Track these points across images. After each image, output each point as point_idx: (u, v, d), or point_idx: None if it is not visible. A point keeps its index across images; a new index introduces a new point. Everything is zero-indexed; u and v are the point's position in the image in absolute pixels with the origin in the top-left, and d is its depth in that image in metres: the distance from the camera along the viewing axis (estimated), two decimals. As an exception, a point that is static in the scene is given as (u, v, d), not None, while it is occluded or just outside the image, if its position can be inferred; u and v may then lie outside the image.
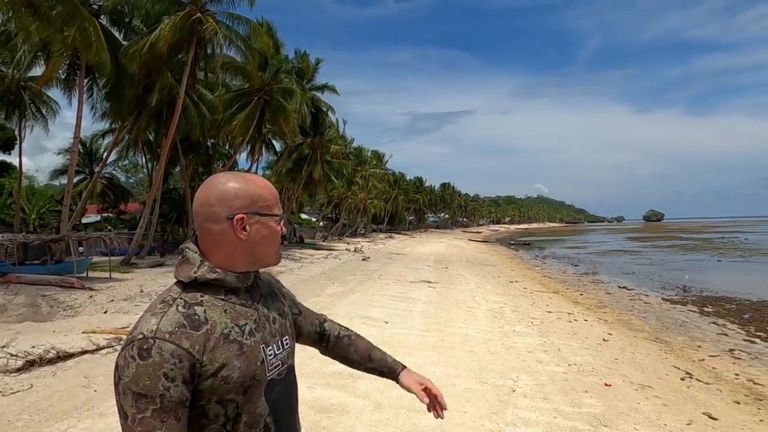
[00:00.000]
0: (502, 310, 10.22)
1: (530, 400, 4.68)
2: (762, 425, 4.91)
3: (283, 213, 1.11)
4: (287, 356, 1.12)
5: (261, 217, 1.04)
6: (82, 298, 10.42)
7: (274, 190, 1.10)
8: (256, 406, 1.01)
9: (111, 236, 14.91)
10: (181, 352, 0.91)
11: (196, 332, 0.95)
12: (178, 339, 0.92)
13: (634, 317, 11.44)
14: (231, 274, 1.03)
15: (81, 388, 4.83)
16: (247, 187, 1.04)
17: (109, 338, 6.66)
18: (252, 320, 1.05)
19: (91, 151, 28.96)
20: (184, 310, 0.97)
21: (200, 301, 1.00)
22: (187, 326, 0.95)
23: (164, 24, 16.17)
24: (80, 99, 16.58)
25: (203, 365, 0.94)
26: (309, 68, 29.17)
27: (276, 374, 1.06)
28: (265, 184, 1.08)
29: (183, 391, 0.91)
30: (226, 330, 0.99)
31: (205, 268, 1.01)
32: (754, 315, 11.68)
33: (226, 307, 1.02)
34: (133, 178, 41.56)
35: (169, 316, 0.95)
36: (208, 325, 0.97)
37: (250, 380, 0.99)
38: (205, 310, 0.99)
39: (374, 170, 46.98)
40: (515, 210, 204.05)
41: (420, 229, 78.77)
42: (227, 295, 1.03)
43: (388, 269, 18.17)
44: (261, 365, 1.02)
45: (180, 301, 0.99)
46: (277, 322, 1.12)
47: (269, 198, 1.06)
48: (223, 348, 0.97)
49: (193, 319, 0.96)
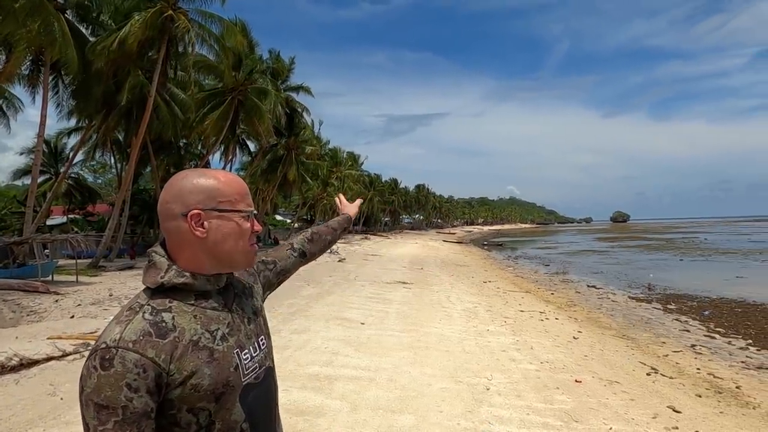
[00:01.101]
0: (476, 309, 10.38)
1: (504, 398, 4.78)
2: (722, 417, 5.15)
3: (252, 210, 1.03)
4: (264, 357, 1.07)
5: (221, 213, 0.97)
6: (48, 302, 10.05)
7: (240, 185, 1.02)
8: (230, 413, 0.96)
9: (78, 238, 14.42)
10: (146, 361, 0.88)
11: (163, 340, 0.91)
12: (143, 348, 0.88)
13: (603, 315, 11.79)
14: (200, 277, 0.99)
15: (46, 396, 4.67)
16: (205, 182, 0.98)
17: (77, 344, 6.46)
18: (225, 324, 1.00)
19: (56, 150, 27.93)
20: (151, 318, 0.93)
21: (168, 307, 0.96)
22: (153, 334, 0.91)
23: (134, 20, 15.77)
24: (45, 96, 16.01)
25: (171, 374, 0.90)
26: (284, 69, 28.93)
27: (253, 378, 1.02)
28: (228, 178, 1.02)
29: (147, 402, 0.87)
30: (195, 337, 0.95)
31: (172, 273, 0.97)
32: (713, 312, 12.20)
33: (197, 312, 0.98)
34: (101, 179, 40.27)
35: (134, 324, 0.91)
36: (176, 333, 0.93)
37: (222, 387, 0.95)
38: (174, 316, 0.95)
39: (350, 171, 46.91)
40: (488, 211, 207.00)
41: (395, 230, 79.01)
42: (197, 299, 0.99)
43: (363, 270, 18.18)
44: (235, 371, 0.98)
45: (147, 308, 0.95)
46: (252, 322, 1.07)
47: (230, 193, 0.99)
48: (192, 355, 0.93)
49: (160, 327, 0.92)
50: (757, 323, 10.83)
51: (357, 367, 5.62)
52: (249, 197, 1.03)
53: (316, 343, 6.59)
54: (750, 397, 6.10)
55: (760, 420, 5.29)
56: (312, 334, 7.16)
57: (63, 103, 19.10)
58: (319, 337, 7.01)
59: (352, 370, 5.46)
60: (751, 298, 13.93)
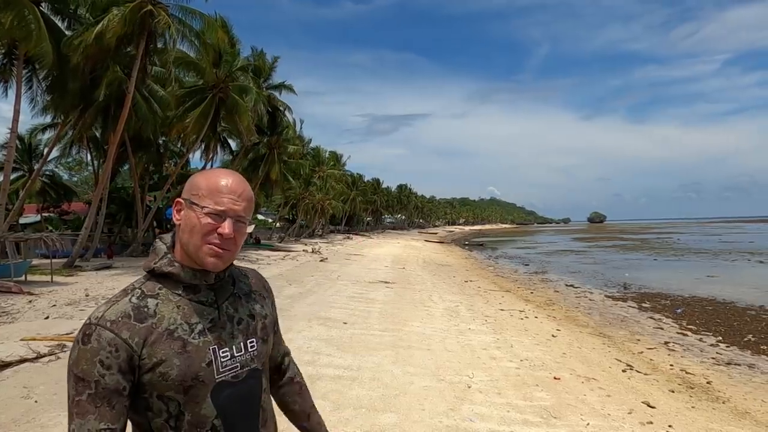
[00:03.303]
0: (457, 308, 10.48)
1: (485, 395, 4.86)
2: (694, 411, 5.33)
3: (220, 209, 0.99)
4: (251, 359, 1.06)
5: (191, 205, 1.00)
6: (21, 303, 9.78)
7: (216, 183, 1.00)
8: (200, 407, 0.97)
9: (53, 237, 14.05)
10: (119, 341, 0.92)
11: (139, 324, 0.95)
12: (118, 329, 0.93)
13: (580, 314, 12.04)
14: (188, 269, 1.01)
15: (20, 398, 4.56)
16: (198, 176, 1.04)
17: (51, 345, 6.32)
18: (207, 320, 1.01)
19: (30, 146, 27.09)
20: (137, 301, 0.98)
21: (156, 293, 1.00)
22: (132, 317, 0.95)
23: (113, 15, 15.41)
24: (18, 91, 15.54)
25: (142, 358, 0.93)
26: (266, 67, 28.65)
27: (230, 377, 1.01)
28: (211, 174, 1.03)
29: (119, 380, 0.92)
30: (172, 326, 0.97)
31: (165, 261, 1.02)
32: (686, 309, 12.58)
33: (181, 303, 1.00)
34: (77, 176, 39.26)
35: (119, 305, 0.96)
36: (155, 319, 0.96)
37: (191, 380, 0.96)
38: (158, 303, 0.98)
39: (332, 171, 46.68)
40: (469, 211, 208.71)
41: (377, 230, 79.02)
42: (186, 290, 1.01)
43: (346, 270, 18.16)
44: (207, 366, 0.98)
45: (137, 292, 1.00)
46: (243, 323, 1.07)
47: (203, 187, 1.00)
48: (164, 344, 0.95)
49: (141, 311, 0.96)
50: (727, 321, 11.21)
51: (339, 366, 5.63)
52: (225, 197, 0.99)
53: (298, 343, 6.58)
54: (720, 392, 6.33)
55: (730, 414, 5.50)
56: (294, 334, 7.13)
57: (37, 98, 18.53)
58: (301, 337, 6.99)
59: (334, 370, 5.47)
60: (721, 297, 14.40)
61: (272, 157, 30.61)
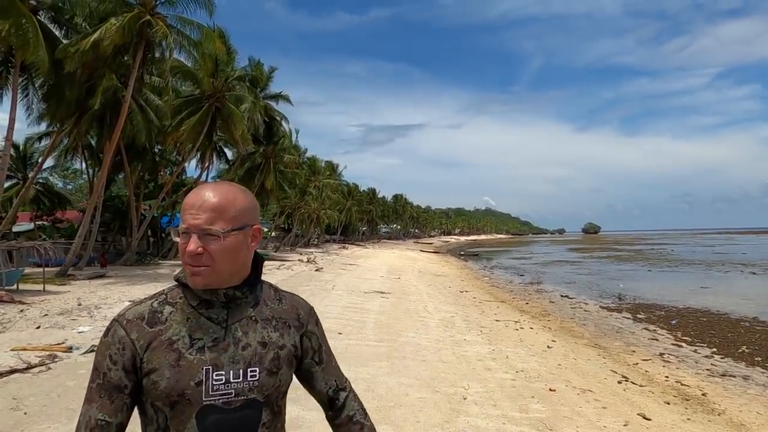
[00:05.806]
0: (452, 319, 10.45)
1: (480, 407, 4.83)
2: (689, 423, 5.32)
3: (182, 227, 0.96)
4: (249, 389, 0.98)
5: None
6: (12, 312, 9.67)
7: (190, 199, 0.97)
8: (184, 426, 0.94)
9: (46, 245, 13.94)
10: (127, 340, 0.95)
11: (149, 328, 0.97)
12: (130, 328, 0.97)
13: (576, 324, 12.04)
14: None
15: (9, 410, 4.48)
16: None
17: (42, 356, 6.24)
18: (211, 338, 0.98)
19: (25, 155, 26.99)
20: (157, 306, 1.00)
21: (176, 302, 1.01)
22: (145, 320, 0.98)
23: (110, 24, 15.48)
24: (14, 99, 15.53)
25: (142, 361, 0.95)
26: (263, 77, 28.79)
27: (220, 402, 0.95)
28: (197, 192, 0.98)
29: (122, 377, 0.95)
30: (174, 337, 0.96)
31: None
32: (680, 321, 12.61)
33: (191, 315, 0.99)
34: (71, 185, 39.06)
35: (140, 306, 1.00)
36: (163, 326, 0.97)
37: (177, 396, 0.93)
38: (173, 311, 1.00)
39: (328, 181, 46.74)
40: (465, 222, 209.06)
41: (373, 239, 78.95)
42: (200, 304, 1.00)
43: (341, 280, 18.09)
44: (196, 386, 0.94)
45: (162, 297, 1.02)
46: (250, 350, 1.00)
47: (185, 206, 0.97)
48: (162, 352, 0.95)
49: (155, 316, 0.99)
50: (721, 332, 11.23)
51: (334, 377, 5.57)
52: (186, 213, 0.95)
53: (292, 354, 6.52)
54: (715, 403, 6.32)
55: (725, 426, 5.49)
56: (289, 345, 7.08)
57: (33, 107, 18.52)
58: (296, 348, 6.93)
59: (329, 381, 5.42)
60: (715, 308, 14.45)
61: (268, 167, 30.66)
